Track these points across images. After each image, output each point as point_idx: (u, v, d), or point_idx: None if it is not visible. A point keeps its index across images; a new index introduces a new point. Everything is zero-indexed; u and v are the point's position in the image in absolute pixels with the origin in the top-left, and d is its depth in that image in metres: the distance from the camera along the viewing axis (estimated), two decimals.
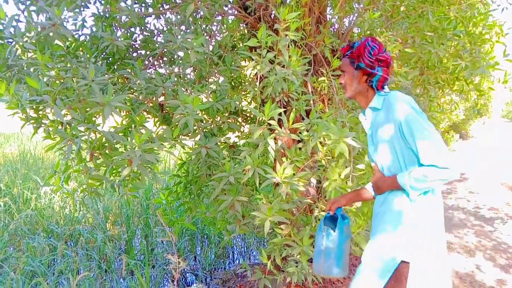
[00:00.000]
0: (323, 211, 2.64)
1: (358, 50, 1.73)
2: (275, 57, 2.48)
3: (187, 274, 4.34)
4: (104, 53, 2.76)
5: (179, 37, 2.35)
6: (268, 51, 2.46)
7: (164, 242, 4.76)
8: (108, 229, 4.83)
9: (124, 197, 2.29)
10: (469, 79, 3.49)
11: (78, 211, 5.48)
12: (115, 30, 2.80)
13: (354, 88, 1.78)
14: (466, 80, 3.50)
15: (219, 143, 2.95)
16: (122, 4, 2.61)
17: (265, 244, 4.75)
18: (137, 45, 2.98)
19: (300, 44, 2.98)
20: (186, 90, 2.62)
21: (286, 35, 2.42)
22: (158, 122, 2.95)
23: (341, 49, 1.83)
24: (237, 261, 4.77)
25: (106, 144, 2.33)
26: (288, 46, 2.52)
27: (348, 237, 1.98)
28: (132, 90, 2.57)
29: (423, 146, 1.55)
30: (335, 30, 3.43)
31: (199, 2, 2.43)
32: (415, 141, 1.57)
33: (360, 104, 1.87)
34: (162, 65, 3.05)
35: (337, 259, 1.91)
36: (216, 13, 2.89)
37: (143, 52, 3.01)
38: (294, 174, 2.42)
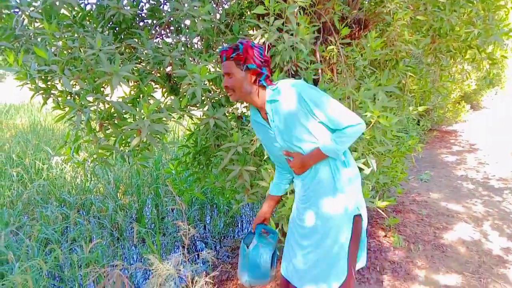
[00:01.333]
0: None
1: (245, 52, 1.73)
2: (283, 24, 2.44)
3: (197, 242, 4.44)
4: (110, 23, 2.73)
5: (185, 5, 2.31)
6: (276, 19, 2.42)
7: (174, 211, 4.85)
8: (119, 198, 4.92)
9: (134, 167, 2.32)
10: (482, 47, 3.41)
11: (89, 181, 5.58)
12: None
13: (244, 90, 1.78)
14: (478, 48, 3.42)
15: (227, 114, 2.95)
16: None
17: (273, 213, 4.81)
18: (143, 14, 2.94)
19: (309, 12, 2.92)
20: (194, 59, 2.60)
21: (295, 1, 2.38)
22: (166, 93, 2.94)
23: (222, 52, 1.78)
24: (246, 230, 4.85)
25: (115, 114, 2.34)
26: (297, 14, 2.47)
27: (268, 249, 2.09)
28: (139, 60, 2.56)
29: (335, 114, 1.73)
30: None
31: None
32: (326, 113, 1.73)
33: (251, 104, 1.89)
34: (169, 34, 3.02)
35: (251, 273, 2.06)
36: None
37: (149, 21, 2.97)
38: None
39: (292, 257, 1.97)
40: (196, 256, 3.97)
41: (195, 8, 2.30)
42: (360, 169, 2.54)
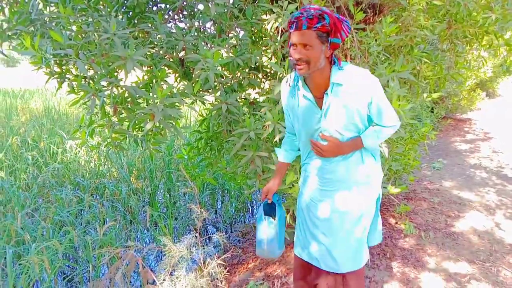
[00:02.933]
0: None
1: (333, 25, 1.61)
2: (296, 9, 2.42)
3: (209, 227, 4.49)
4: (124, 7, 2.73)
5: None
6: (289, 3, 2.40)
7: (186, 196, 4.90)
8: (132, 182, 4.98)
9: (147, 152, 2.34)
10: (499, 33, 3.34)
11: (103, 165, 5.65)
12: None
13: (318, 64, 1.66)
14: (496, 34, 3.36)
15: (239, 99, 2.96)
16: None
17: (284, 198, 4.84)
18: None
19: None
20: (207, 44, 2.60)
21: None
22: (179, 78, 2.95)
23: (301, 19, 1.60)
24: (256, 215, 4.89)
25: (129, 99, 2.36)
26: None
27: (284, 218, 2.16)
28: (152, 45, 2.56)
29: (387, 112, 1.79)
30: None
31: None
32: (381, 110, 1.76)
33: (311, 80, 1.78)
34: (182, 19, 3.02)
35: (278, 242, 2.10)
36: None
37: (163, 5, 2.97)
38: None
39: (314, 242, 1.98)
40: (208, 240, 4.03)
41: None
42: None
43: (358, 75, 1.71)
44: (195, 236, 1.88)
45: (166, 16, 2.83)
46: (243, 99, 3.05)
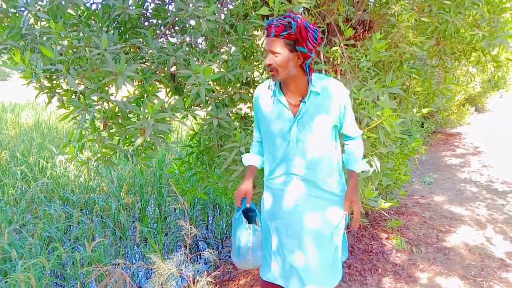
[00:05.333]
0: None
1: (299, 33, 1.62)
2: None
3: (199, 242, 4.44)
4: (115, 22, 2.74)
5: (190, 5, 2.32)
6: None
7: (177, 211, 4.85)
8: (122, 197, 4.93)
9: (137, 166, 2.33)
10: (487, 49, 3.40)
11: (93, 180, 5.60)
12: None
13: (288, 71, 1.69)
14: (483, 50, 3.41)
15: (230, 114, 2.96)
16: None
17: None
18: (148, 14, 2.96)
19: (313, 13, 2.92)
20: (198, 59, 2.61)
21: (299, 2, 2.38)
22: (170, 92, 2.95)
23: (271, 26, 1.65)
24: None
25: (119, 114, 2.35)
26: (301, 15, 2.47)
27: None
28: (144, 60, 2.57)
29: (354, 122, 1.91)
30: None
31: None
32: (351, 119, 1.88)
33: (286, 87, 1.80)
34: (173, 34, 3.03)
35: (262, 250, 1.96)
36: None
37: (154, 21, 2.98)
38: None
39: (291, 261, 1.93)
40: (198, 256, 3.98)
41: (200, 8, 2.31)
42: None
43: (336, 86, 1.77)
44: (185, 253, 1.85)
45: (158, 31, 2.85)
46: (234, 114, 3.06)
